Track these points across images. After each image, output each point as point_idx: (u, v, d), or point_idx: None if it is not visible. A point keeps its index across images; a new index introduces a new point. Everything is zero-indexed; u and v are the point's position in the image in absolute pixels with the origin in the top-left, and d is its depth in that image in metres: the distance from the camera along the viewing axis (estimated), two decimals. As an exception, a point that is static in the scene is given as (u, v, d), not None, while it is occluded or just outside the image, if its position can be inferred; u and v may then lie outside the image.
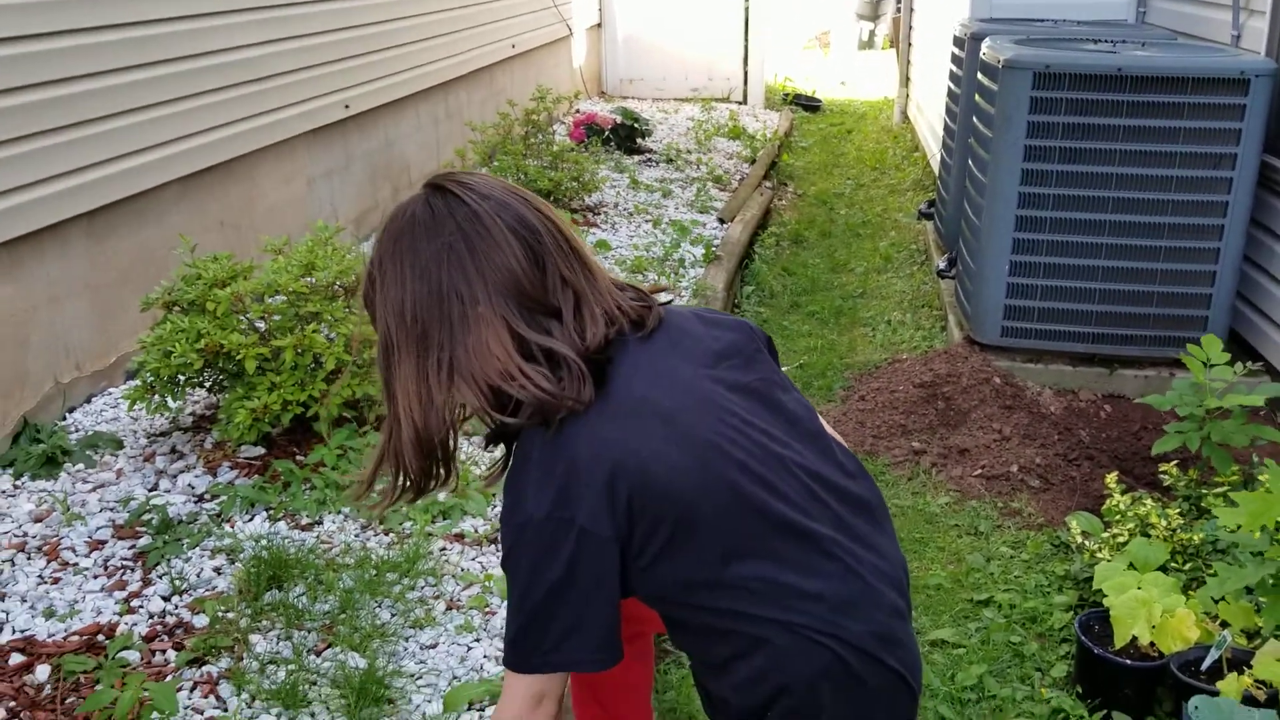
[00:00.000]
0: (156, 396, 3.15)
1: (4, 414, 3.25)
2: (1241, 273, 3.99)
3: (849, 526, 1.55)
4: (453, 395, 1.44)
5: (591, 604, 1.42)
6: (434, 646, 2.45)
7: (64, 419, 3.47)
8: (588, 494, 1.39)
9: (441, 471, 1.53)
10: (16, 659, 2.32)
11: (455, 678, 2.34)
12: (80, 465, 3.19)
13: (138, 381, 3.19)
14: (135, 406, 3.17)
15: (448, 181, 1.49)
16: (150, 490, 3.06)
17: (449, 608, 2.59)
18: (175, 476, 3.14)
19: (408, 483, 1.51)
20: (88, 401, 3.60)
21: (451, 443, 1.51)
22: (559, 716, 1.51)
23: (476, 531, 2.91)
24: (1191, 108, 3.79)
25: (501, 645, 2.45)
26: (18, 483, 3.09)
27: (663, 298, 1.63)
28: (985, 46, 4.38)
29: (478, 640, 2.48)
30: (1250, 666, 2.34)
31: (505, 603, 1.49)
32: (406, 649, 2.43)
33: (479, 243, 1.43)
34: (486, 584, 2.68)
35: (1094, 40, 4.50)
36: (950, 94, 5.58)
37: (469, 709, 2.24)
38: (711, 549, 1.44)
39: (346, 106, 5.31)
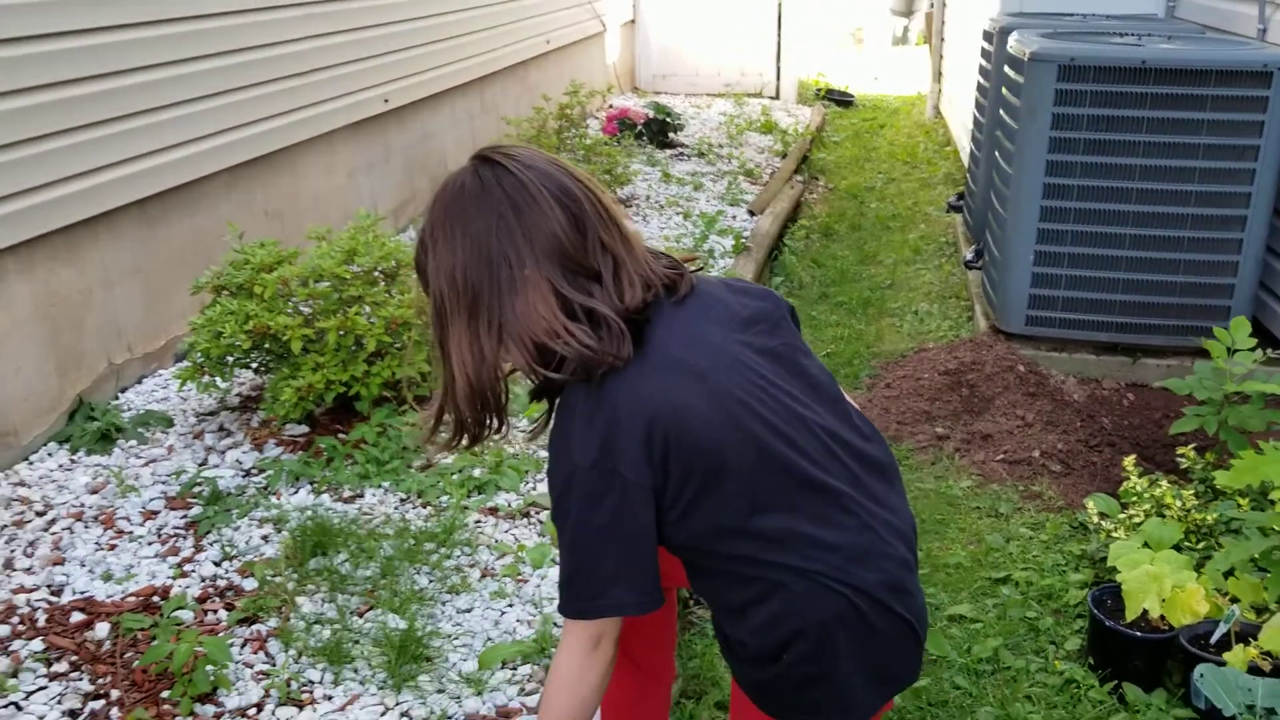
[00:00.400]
0: (206, 376, 3.30)
1: (61, 393, 3.40)
2: (1264, 263, 4.04)
3: (864, 484, 1.65)
4: (502, 352, 1.54)
5: (635, 549, 1.53)
6: (469, 611, 2.57)
7: (117, 398, 3.63)
8: (628, 445, 1.49)
9: (494, 421, 1.63)
10: (77, 617, 2.46)
11: (489, 639, 2.46)
12: (133, 442, 3.33)
13: (188, 362, 3.34)
14: (185, 386, 3.32)
15: (494, 154, 1.59)
16: (200, 465, 3.20)
17: (484, 575, 2.71)
18: (224, 452, 3.29)
19: (464, 432, 1.62)
20: (139, 382, 3.75)
21: (503, 395, 1.61)
22: (615, 658, 1.62)
23: (510, 505, 3.03)
24: (1215, 100, 3.84)
25: (532, 610, 2.57)
26: (74, 457, 3.24)
27: (693, 267, 1.73)
28: (1012, 40, 4.45)
29: (510, 606, 2.60)
30: (1257, 639, 2.42)
31: (553, 557, 1.64)
32: (443, 612, 2.55)
33: (525, 210, 1.53)
34: (519, 554, 2.79)
35: (1120, 34, 4.55)
36: (979, 88, 5.64)
37: (502, 667, 2.36)
38: (737, 500, 1.54)
39: (386, 101, 5.45)
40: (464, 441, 1.63)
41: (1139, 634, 2.56)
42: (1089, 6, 5.71)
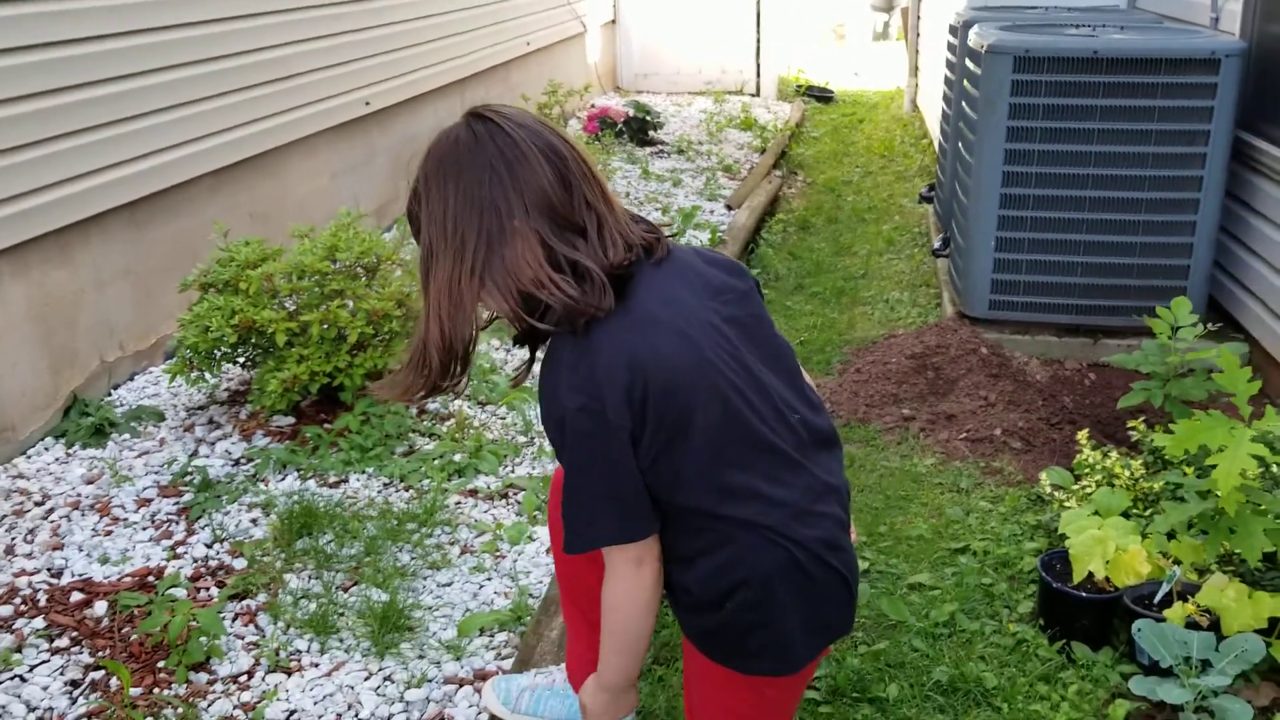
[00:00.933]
0: (195, 371, 3.43)
1: (56, 390, 3.53)
2: (1218, 243, 4.19)
3: (809, 450, 1.78)
4: (483, 300, 1.64)
5: (621, 486, 1.63)
6: (449, 585, 2.71)
7: (109, 395, 3.75)
8: (610, 390, 1.59)
9: (457, 369, 1.71)
10: (76, 597, 2.59)
11: (468, 610, 2.60)
12: (126, 435, 3.46)
13: (177, 358, 3.46)
14: (176, 381, 3.45)
15: (487, 111, 1.68)
16: (190, 456, 3.33)
17: (463, 552, 2.84)
18: (214, 444, 3.42)
19: (428, 376, 1.69)
20: (130, 379, 3.88)
21: (471, 347, 1.70)
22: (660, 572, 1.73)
23: (489, 487, 3.16)
24: (1165, 87, 3.98)
25: (509, 583, 2.71)
26: (69, 451, 3.37)
27: (667, 233, 1.86)
28: (972, 33, 4.59)
29: (489, 579, 2.73)
30: (1194, 597, 2.57)
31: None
32: (425, 586, 2.69)
33: (516, 164, 1.63)
34: (498, 532, 2.93)
35: (1076, 25, 4.70)
36: (946, 80, 5.79)
37: (480, 634, 2.50)
38: (700, 454, 1.65)
39: (367, 104, 5.58)
40: (424, 386, 1.70)
41: (1085, 595, 2.70)
42: (1053, 0, 5.87)
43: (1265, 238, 4.00)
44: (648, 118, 7.84)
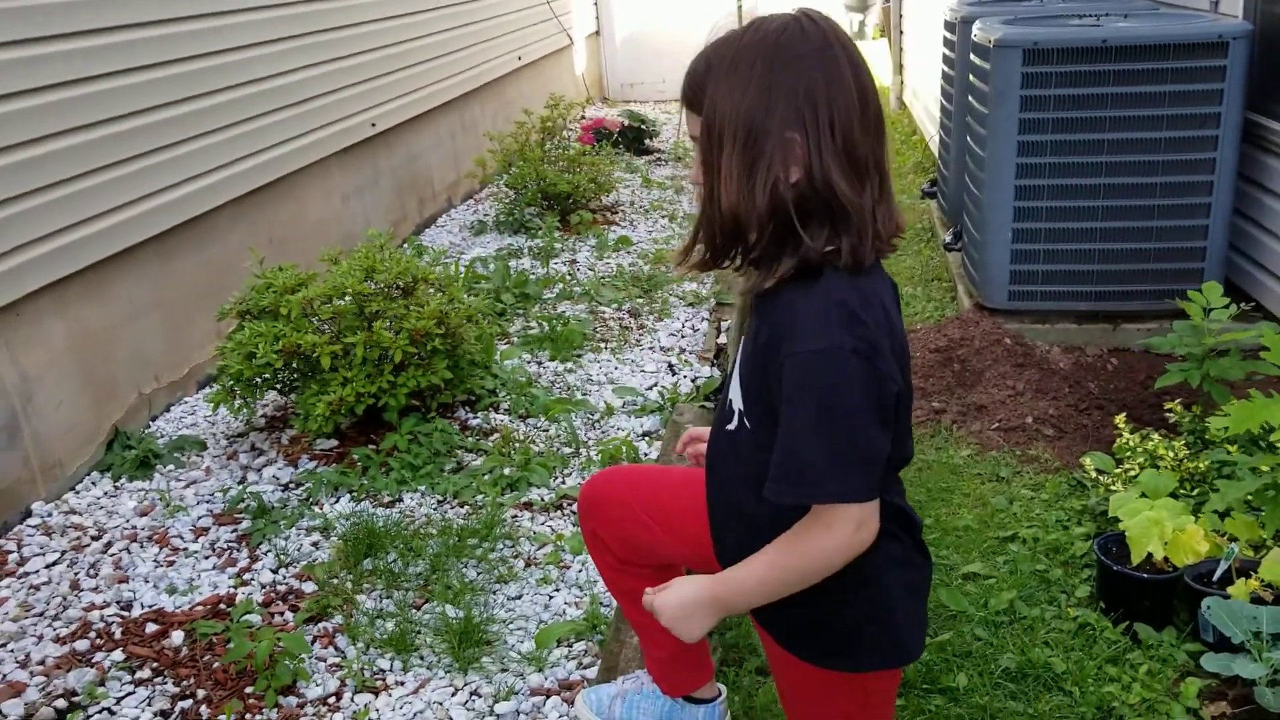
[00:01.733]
0: (238, 399, 3.43)
1: (98, 424, 3.53)
2: (1233, 225, 4.25)
3: None
4: (774, 186, 1.50)
5: (884, 440, 1.53)
6: (519, 598, 2.73)
7: (149, 426, 3.76)
8: (882, 341, 1.49)
9: (738, 258, 1.59)
10: (151, 628, 2.60)
11: (541, 621, 2.62)
12: (170, 466, 3.47)
13: (218, 386, 3.47)
14: (219, 409, 3.45)
15: (811, 22, 1.55)
16: (240, 483, 3.34)
17: (528, 565, 2.86)
18: (260, 470, 3.42)
19: (708, 250, 1.57)
20: (167, 410, 3.88)
21: (754, 240, 1.54)
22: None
23: (543, 500, 3.19)
24: (1175, 73, 4.05)
25: (578, 593, 2.73)
26: (117, 484, 3.37)
27: None
28: (976, 28, 4.64)
29: (557, 590, 2.76)
30: (1256, 572, 2.61)
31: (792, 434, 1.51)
32: (495, 601, 2.71)
33: (835, 82, 1.51)
34: (558, 543, 2.95)
35: (1079, 16, 4.76)
36: (945, 76, 5.85)
37: (558, 645, 2.52)
38: (896, 439, 1.61)
39: (373, 125, 5.60)
40: (700, 261, 1.59)
41: (1146, 576, 2.74)
42: (1045, -8, 5.93)
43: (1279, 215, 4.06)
44: (643, 127, 7.88)
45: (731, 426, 1.70)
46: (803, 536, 1.57)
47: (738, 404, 1.68)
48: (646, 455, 3.42)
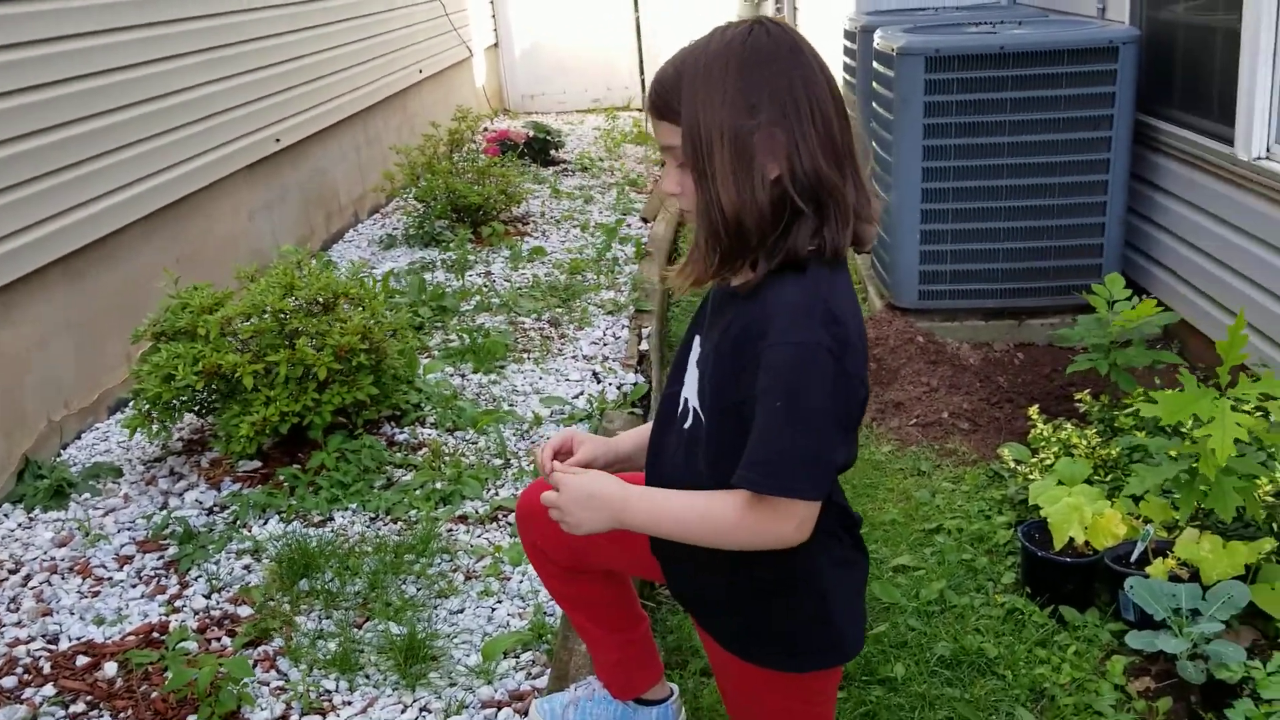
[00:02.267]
0: (156, 423, 3.35)
1: (7, 454, 3.40)
2: (1128, 222, 4.44)
3: None
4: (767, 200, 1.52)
5: (842, 442, 1.55)
6: (461, 611, 2.71)
7: (60, 455, 3.64)
8: (853, 339, 1.53)
9: (740, 263, 1.58)
10: (82, 661, 2.52)
11: (486, 634, 2.61)
12: (86, 494, 3.36)
13: (133, 410, 3.38)
14: (135, 434, 3.36)
15: (773, 25, 1.59)
16: (161, 509, 3.25)
17: (467, 578, 2.85)
18: (181, 495, 3.34)
19: (716, 257, 1.56)
20: (78, 437, 3.76)
21: (756, 233, 1.54)
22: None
23: (477, 512, 3.17)
24: (1069, 77, 4.21)
25: (521, 603, 2.73)
26: (31, 515, 3.26)
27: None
28: (878, 37, 4.76)
29: (499, 602, 2.75)
30: (1172, 551, 2.73)
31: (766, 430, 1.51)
32: (437, 615, 2.69)
33: (811, 80, 1.55)
34: (497, 555, 2.94)
35: (975, 23, 4.92)
36: (845, 84, 5.98)
37: (505, 657, 2.51)
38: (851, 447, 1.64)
39: (278, 140, 5.51)
40: (706, 266, 1.58)
41: (1069, 560, 2.84)
42: (938, 0, 6.12)
43: (1171, 212, 4.26)
44: (548, 137, 7.89)
45: (687, 425, 1.72)
46: (744, 513, 1.56)
47: (694, 402, 1.70)
48: (578, 464, 3.42)
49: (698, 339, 1.73)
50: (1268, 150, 3.56)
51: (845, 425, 1.57)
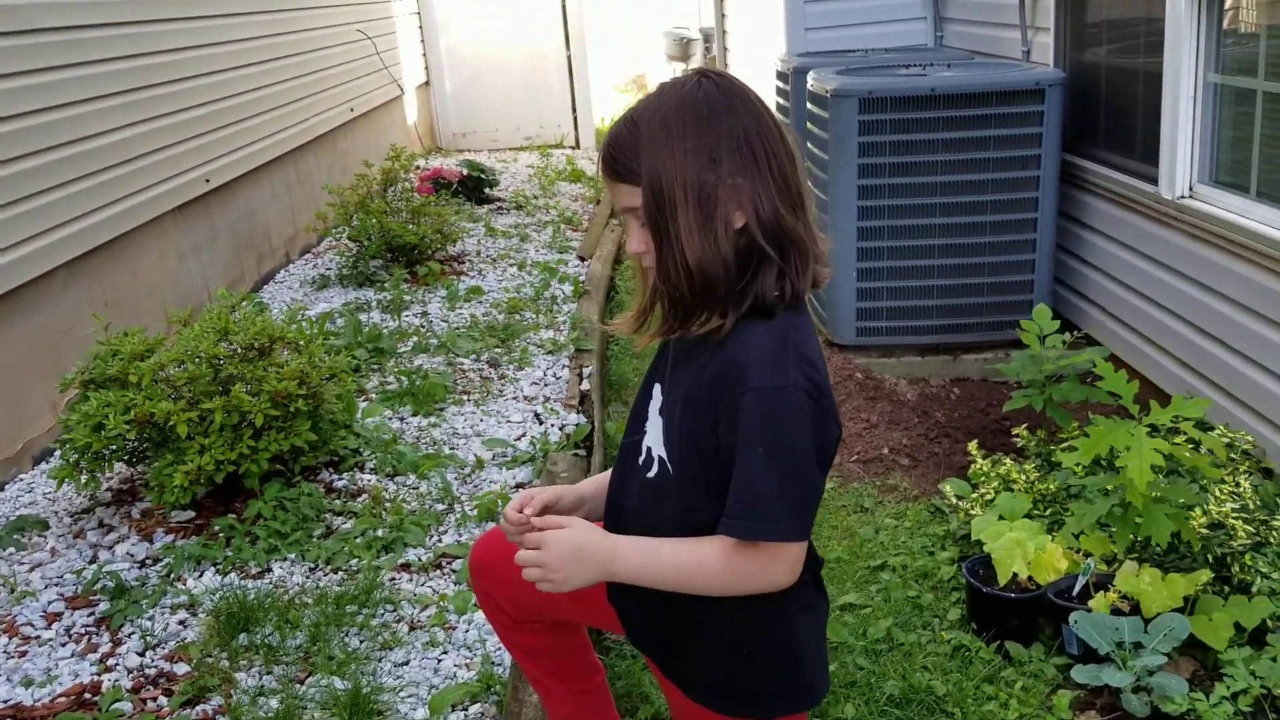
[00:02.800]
0: (85, 473, 3.24)
1: (-75, 508, 3.28)
2: (1056, 259, 4.53)
3: None
4: (730, 233, 1.54)
5: (821, 481, 1.57)
6: (406, 663, 2.65)
7: (-19, 508, 3.51)
8: (824, 381, 1.56)
9: (705, 316, 1.58)
10: (9, 726, 2.42)
11: (433, 686, 2.55)
12: (11, 549, 3.24)
13: (61, 460, 3.27)
14: (62, 485, 3.25)
15: (715, 73, 1.61)
16: (91, 563, 3.14)
17: (412, 628, 2.79)
18: (112, 548, 3.24)
19: (679, 312, 1.57)
20: (1, 489, 3.63)
21: (725, 290, 1.56)
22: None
23: (420, 560, 3.11)
24: (998, 118, 4.31)
25: (468, 653, 2.68)
26: (-49, 572, 3.13)
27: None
28: (811, 78, 4.83)
29: (445, 653, 2.69)
30: (1113, 585, 2.77)
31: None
32: (382, 668, 2.63)
33: (765, 130, 1.57)
34: (442, 604, 2.89)
35: (905, 66, 5.02)
36: (780, 123, 6.04)
37: (453, 709, 2.46)
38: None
39: (208, 180, 5.42)
40: (668, 323, 1.59)
41: (1013, 595, 2.87)
42: (866, 43, 6.23)
43: (1097, 248, 4.36)
44: (483, 175, 7.87)
45: (652, 474, 1.70)
46: (733, 559, 1.56)
47: (659, 450, 1.69)
48: (522, 508, 3.38)
49: (659, 387, 1.72)
50: (1190, 189, 3.66)
51: (822, 464, 1.59)
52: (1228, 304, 3.45)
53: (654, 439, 1.70)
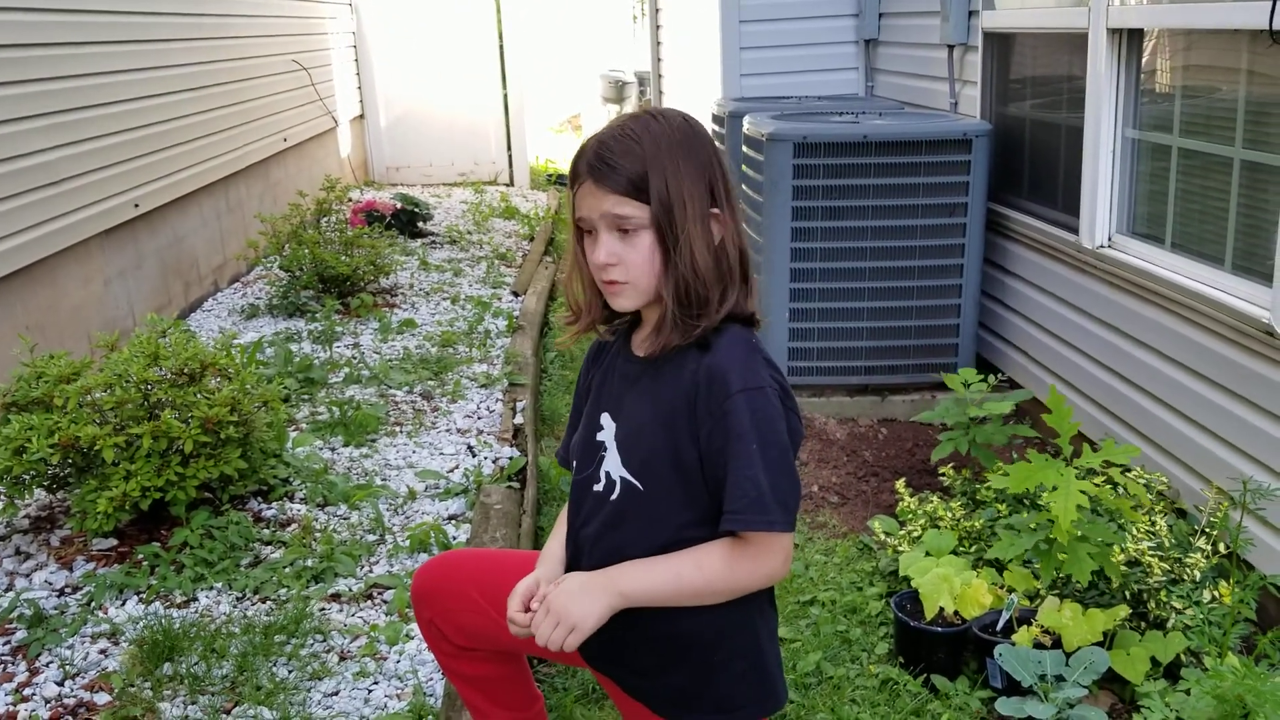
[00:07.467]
0: (4, 498, 3.16)
1: None
2: (981, 305, 4.66)
3: None
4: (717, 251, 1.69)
5: (797, 473, 1.68)
6: (336, 694, 2.62)
7: (-109, 534, 3.39)
8: (784, 382, 1.69)
9: (704, 322, 1.68)
10: (-82, 757, 2.33)
11: (363, 717, 2.52)
12: (-79, 576, 3.14)
13: (-22, 485, 3.18)
14: (-20, 510, 3.17)
15: (685, 114, 1.76)
16: (7, 590, 3.06)
17: (342, 659, 2.76)
18: (29, 575, 3.15)
19: (687, 311, 1.67)
20: (-88, 515, 3.52)
21: (716, 302, 1.68)
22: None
23: (351, 590, 3.08)
24: (927, 166, 4.43)
25: (399, 684, 2.65)
26: None
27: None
28: (747, 122, 4.93)
29: (375, 683, 2.66)
30: (1036, 620, 2.84)
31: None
32: (311, 699, 2.59)
33: (728, 173, 1.74)
34: (372, 634, 2.86)
35: (838, 113, 5.14)
36: (714, 165, 6.14)
37: (385, 741, 2.43)
38: None
39: (136, 205, 5.34)
40: (680, 327, 1.68)
41: (939, 629, 2.93)
42: (800, 90, 6.38)
43: (1021, 295, 4.50)
44: (417, 209, 7.85)
45: (614, 497, 1.74)
46: (732, 557, 1.66)
47: (618, 473, 1.74)
48: (455, 539, 3.37)
49: (606, 416, 1.77)
50: (1110, 239, 3.80)
51: (794, 458, 1.70)
52: (1145, 350, 3.58)
53: (612, 464, 1.76)
